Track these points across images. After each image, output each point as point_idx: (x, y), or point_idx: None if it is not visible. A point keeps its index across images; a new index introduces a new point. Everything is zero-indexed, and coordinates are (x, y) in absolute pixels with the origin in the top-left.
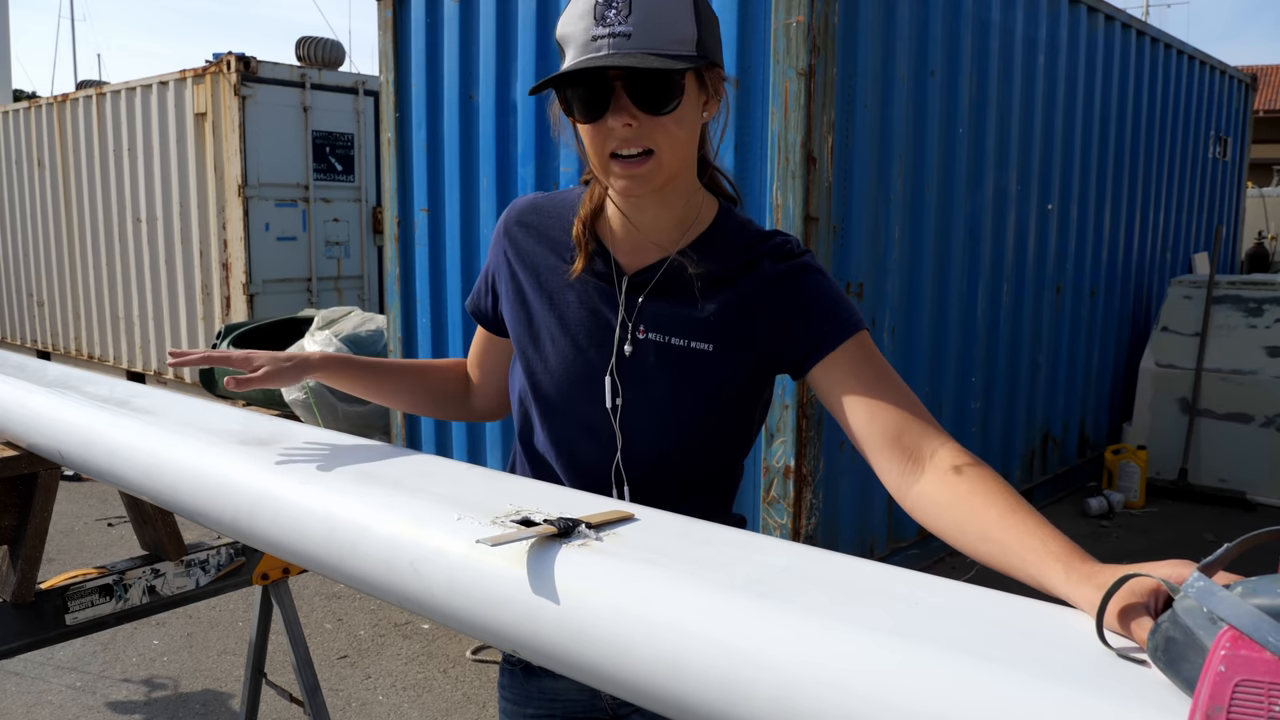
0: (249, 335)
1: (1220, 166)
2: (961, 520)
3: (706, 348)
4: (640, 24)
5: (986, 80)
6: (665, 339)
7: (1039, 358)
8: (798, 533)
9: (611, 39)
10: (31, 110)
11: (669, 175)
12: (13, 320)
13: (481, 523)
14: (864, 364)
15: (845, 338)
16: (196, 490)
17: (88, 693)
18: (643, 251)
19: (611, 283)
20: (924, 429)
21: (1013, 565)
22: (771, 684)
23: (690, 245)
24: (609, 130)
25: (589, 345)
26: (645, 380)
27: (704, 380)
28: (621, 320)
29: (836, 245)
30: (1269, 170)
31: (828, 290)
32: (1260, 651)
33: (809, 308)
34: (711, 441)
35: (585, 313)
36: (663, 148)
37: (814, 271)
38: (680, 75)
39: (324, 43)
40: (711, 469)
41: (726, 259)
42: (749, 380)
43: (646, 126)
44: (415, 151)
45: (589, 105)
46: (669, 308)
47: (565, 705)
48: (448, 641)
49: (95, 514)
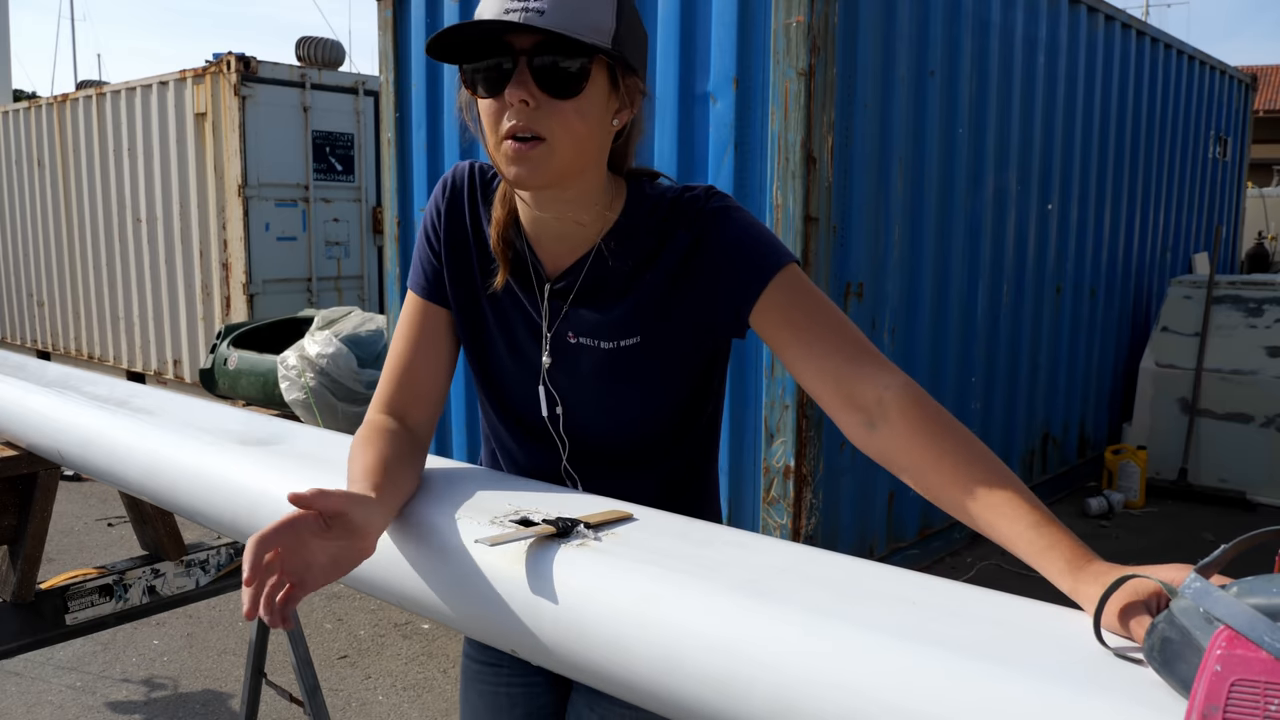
0: (249, 335)
1: (1220, 166)
2: (933, 487)
3: (635, 341)
4: (556, 3)
5: (986, 80)
6: (595, 343)
7: (1039, 358)
8: (798, 533)
9: (525, 13)
10: (31, 110)
11: (560, 169)
12: (13, 320)
13: (480, 522)
14: (791, 308)
15: (765, 283)
16: (196, 490)
17: (88, 693)
18: (559, 253)
19: (533, 289)
20: (860, 372)
21: (1001, 541)
22: (771, 684)
23: (606, 237)
24: (506, 107)
25: (520, 355)
26: (579, 386)
27: (638, 375)
28: (543, 331)
29: (836, 245)
30: (1269, 170)
31: (737, 237)
32: (1256, 651)
33: (723, 263)
34: (659, 428)
35: (514, 322)
36: (557, 136)
37: (722, 219)
38: (588, 59)
39: (324, 43)
40: (668, 446)
41: (643, 242)
42: (689, 356)
43: (544, 110)
44: (415, 151)
45: (490, 79)
46: (593, 309)
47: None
48: (448, 641)
49: (95, 514)
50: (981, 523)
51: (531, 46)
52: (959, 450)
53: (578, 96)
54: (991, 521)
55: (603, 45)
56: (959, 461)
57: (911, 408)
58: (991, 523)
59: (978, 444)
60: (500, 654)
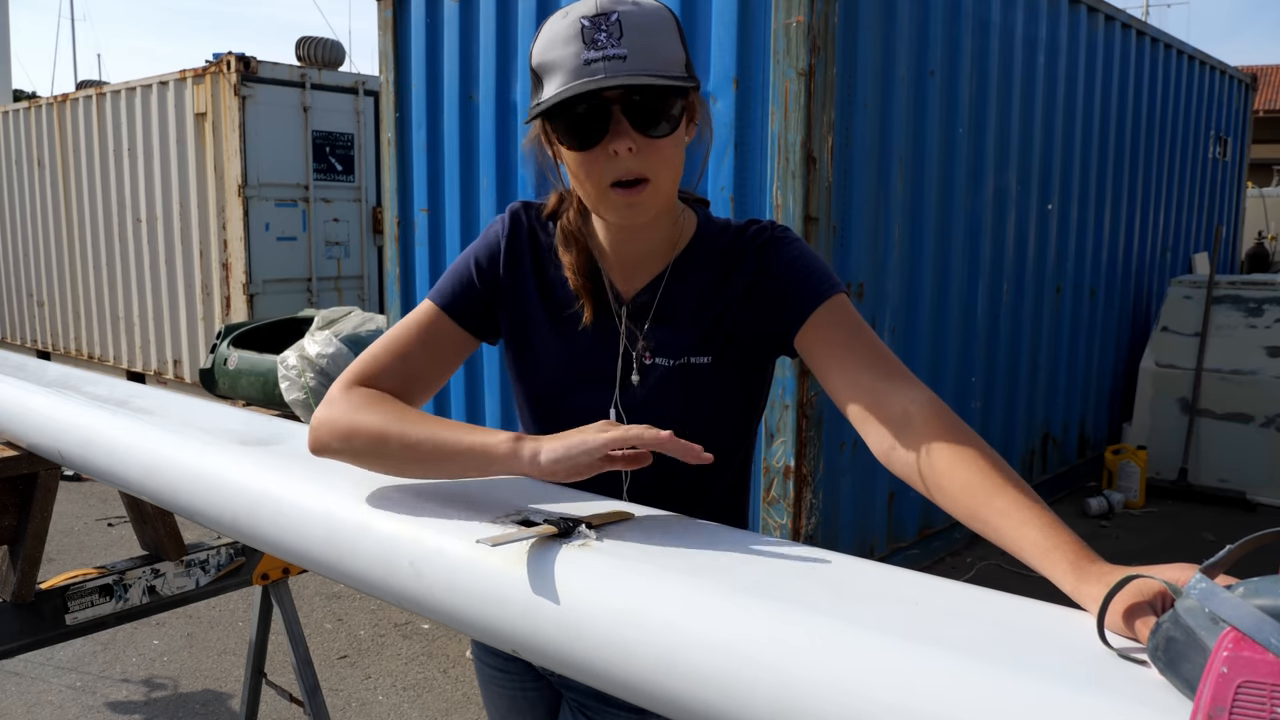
0: (249, 335)
1: (1220, 166)
2: (945, 495)
3: (705, 360)
4: (633, 46)
5: (986, 80)
6: (669, 361)
7: (1039, 358)
8: (798, 533)
9: (606, 61)
10: (31, 110)
11: (664, 201)
12: (13, 320)
13: (482, 522)
14: (833, 328)
15: (814, 307)
16: (196, 490)
17: (88, 693)
18: (634, 273)
19: (610, 315)
20: (890, 387)
21: (1007, 545)
22: (771, 684)
23: (679, 260)
24: (609, 157)
25: (591, 378)
26: (651, 406)
27: (708, 392)
28: (624, 351)
29: (836, 245)
30: (1269, 170)
31: (793, 262)
32: (1263, 653)
33: (782, 288)
34: (721, 444)
35: (586, 347)
36: (659, 174)
37: (782, 247)
38: (684, 95)
39: (324, 43)
40: (727, 461)
41: (713, 266)
42: (749, 376)
43: (645, 152)
44: (415, 151)
45: (586, 131)
46: (668, 328)
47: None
48: (448, 641)
49: (95, 514)
50: (988, 527)
51: (622, 94)
52: (970, 460)
53: (674, 133)
54: (997, 525)
55: (686, 81)
56: (969, 470)
57: (934, 420)
58: (997, 526)
59: (990, 453)
60: (508, 656)
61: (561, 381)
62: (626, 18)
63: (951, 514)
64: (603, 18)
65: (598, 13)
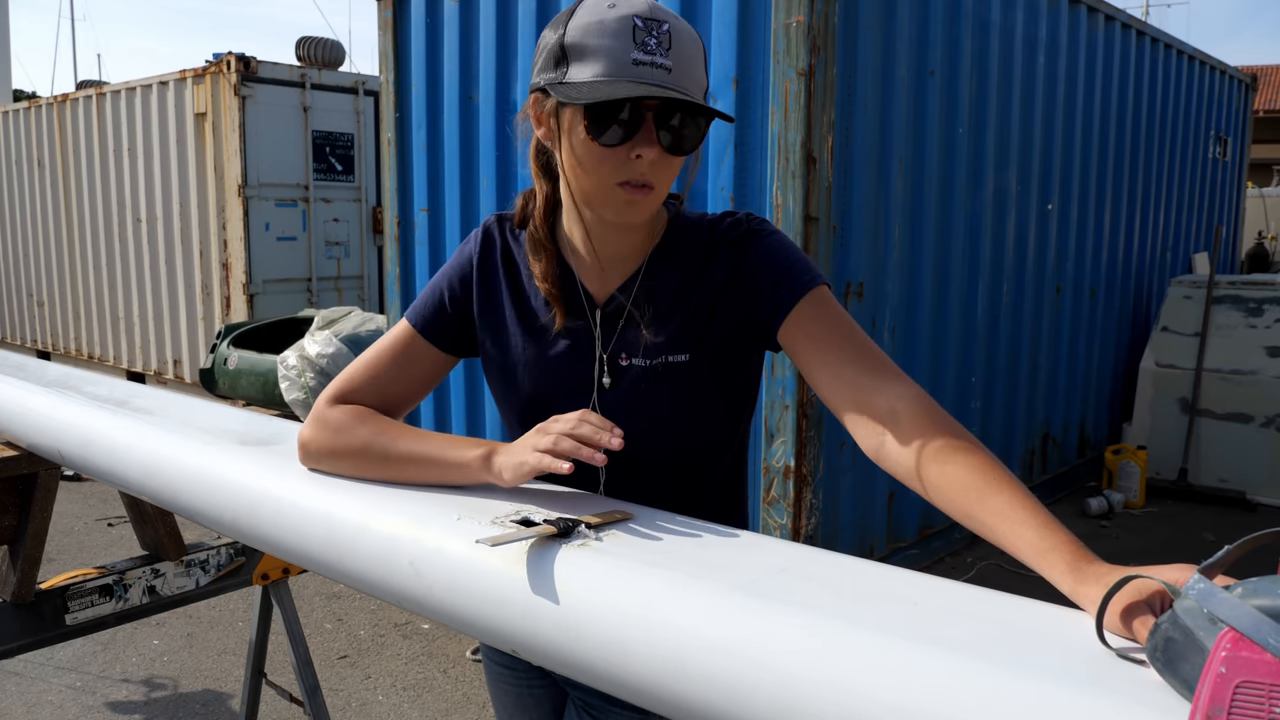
0: (249, 335)
1: (1220, 166)
2: (938, 494)
3: (683, 358)
4: (678, 61)
5: (986, 80)
6: (646, 361)
7: (1039, 358)
8: (798, 533)
9: (654, 69)
10: (31, 110)
11: (657, 208)
12: (13, 320)
13: (481, 523)
14: (816, 323)
15: (796, 300)
16: (196, 490)
17: (88, 693)
18: (609, 274)
19: (584, 316)
20: (875, 384)
21: (1003, 545)
22: (771, 684)
23: (653, 257)
24: (628, 159)
25: (569, 383)
26: (629, 408)
27: (688, 391)
28: (599, 355)
29: (836, 245)
30: (1269, 170)
31: (772, 255)
32: (1261, 653)
33: (760, 281)
34: (704, 442)
35: (563, 353)
36: (662, 183)
37: (759, 239)
38: (705, 119)
39: (324, 43)
40: (714, 460)
41: (688, 261)
42: (731, 371)
43: (660, 163)
44: (415, 151)
45: (616, 128)
46: (643, 329)
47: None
48: (448, 641)
49: (95, 514)
50: (984, 527)
51: (660, 105)
52: (963, 457)
53: (691, 153)
54: (993, 525)
55: (716, 108)
56: (962, 468)
57: (922, 417)
58: (993, 526)
59: (982, 450)
60: (513, 656)
61: (543, 391)
62: (675, 32)
63: (945, 512)
64: (655, 23)
65: (651, 17)
